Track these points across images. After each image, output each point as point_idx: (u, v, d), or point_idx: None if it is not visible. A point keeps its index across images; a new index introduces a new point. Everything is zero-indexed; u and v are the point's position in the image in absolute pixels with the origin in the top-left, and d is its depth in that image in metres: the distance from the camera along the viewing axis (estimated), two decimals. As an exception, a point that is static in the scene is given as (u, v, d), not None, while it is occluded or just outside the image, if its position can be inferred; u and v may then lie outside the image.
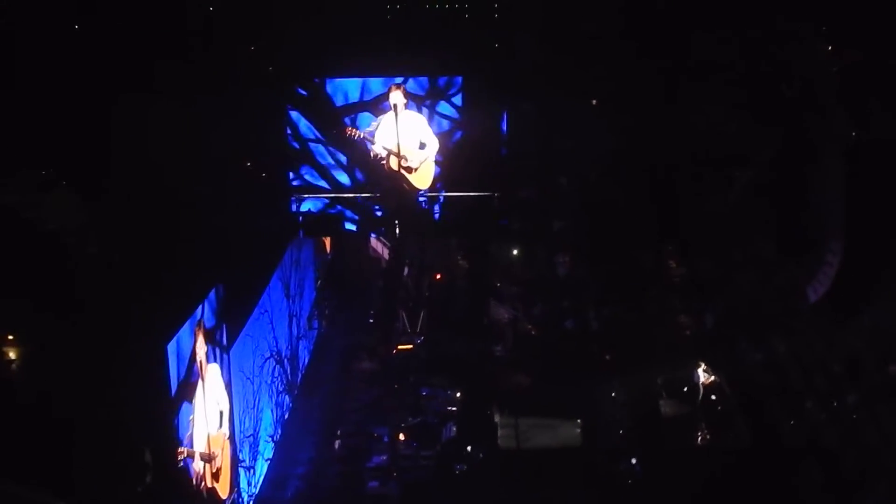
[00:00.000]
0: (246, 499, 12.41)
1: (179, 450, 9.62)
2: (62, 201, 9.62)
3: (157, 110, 10.97)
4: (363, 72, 13.59)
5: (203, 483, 10.38)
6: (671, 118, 13.98)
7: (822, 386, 13.07)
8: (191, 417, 9.96)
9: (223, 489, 11.14)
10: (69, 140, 9.70)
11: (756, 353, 14.38)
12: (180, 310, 10.04)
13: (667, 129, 14.07)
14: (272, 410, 14.01)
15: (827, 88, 12.73)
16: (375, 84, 13.74)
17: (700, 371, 14.92)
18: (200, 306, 10.42)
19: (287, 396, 14.87)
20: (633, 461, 13.83)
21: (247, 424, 12.62)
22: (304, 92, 13.69)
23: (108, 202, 10.14)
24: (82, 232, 9.62)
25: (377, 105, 13.68)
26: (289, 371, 14.98)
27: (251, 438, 12.81)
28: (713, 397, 14.75)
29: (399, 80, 13.49)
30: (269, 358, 13.73)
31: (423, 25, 13.65)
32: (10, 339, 8.64)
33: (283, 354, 14.62)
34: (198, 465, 10.18)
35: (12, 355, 8.64)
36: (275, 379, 14.12)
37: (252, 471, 12.78)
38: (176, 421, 9.53)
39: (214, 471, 10.73)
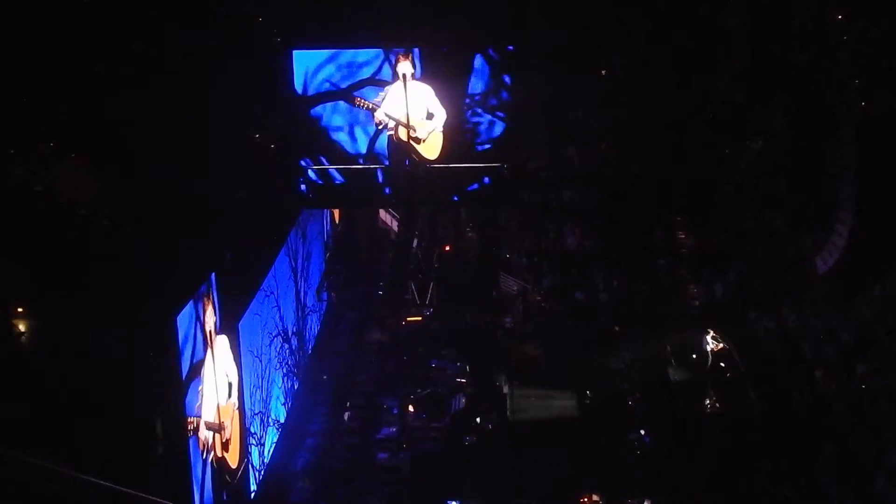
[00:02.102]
0: (256, 468, 12.47)
1: (189, 420, 9.65)
2: (73, 174, 9.59)
3: (167, 83, 10.93)
4: (378, 43, 13.51)
5: (213, 453, 10.42)
6: (682, 89, 13.90)
7: (832, 356, 13.04)
8: (200, 388, 9.99)
9: (233, 459, 11.20)
10: (79, 112, 9.67)
11: (766, 323, 14.34)
12: (189, 281, 10.06)
13: (677, 99, 13.99)
14: (281, 385, 14.05)
15: (839, 58, 12.64)
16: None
17: (709, 338, 14.92)
18: (209, 278, 10.44)
19: (296, 371, 14.90)
20: (642, 432, 13.86)
21: (256, 399, 12.66)
22: (313, 61, 13.62)
23: (118, 175, 10.11)
24: (93, 204, 9.61)
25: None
26: (296, 346, 15.01)
27: (261, 414, 12.86)
28: (722, 364, 14.76)
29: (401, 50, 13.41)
30: (276, 336, 13.75)
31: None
32: (21, 311, 8.65)
33: (291, 331, 14.63)
34: (207, 435, 10.22)
35: (23, 327, 8.66)
36: (282, 355, 14.14)
37: (262, 442, 12.83)
38: (185, 391, 9.56)
39: (224, 441, 10.77)
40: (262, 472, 12.76)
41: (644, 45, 13.88)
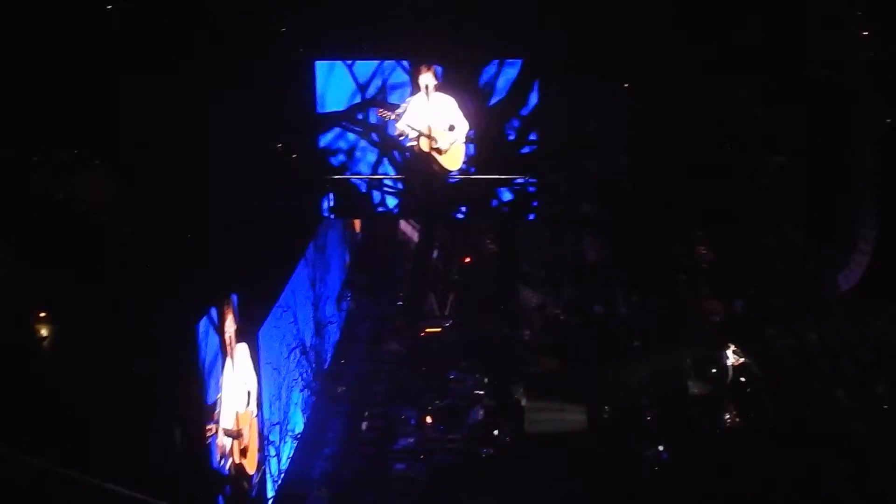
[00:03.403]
0: (273, 477, 12.49)
1: (208, 427, 9.69)
2: (95, 180, 9.66)
3: (191, 91, 11.00)
4: (401, 55, 13.57)
5: (231, 460, 10.46)
6: (702, 102, 13.87)
7: (852, 373, 12.98)
8: (219, 396, 10.03)
9: (250, 466, 11.22)
10: (102, 118, 9.74)
11: (786, 339, 14.27)
12: (210, 289, 10.10)
13: (697, 112, 13.97)
14: (299, 395, 14.07)
15: (861, 72, 12.60)
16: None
17: (729, 352, 14.86)
18: (230, 286, 10.48)
19: (313, 381, 14.92)
20: (661, 448, 13.81)
21: (275, 409, 12.69)
22: (336, 72, 13.69)
23: (140, 181, 10.18)
24: (115, 211, 9.67)
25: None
26: (315, 357, 15.03)
27: (279, 424, 12.89)
28: (742, 379, 14.69)
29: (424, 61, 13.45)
30: (294, 348, 13.78)
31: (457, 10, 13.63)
32: (43, 317, 8.71)
33: (309, 343, 14.65)
34: (225, 442, 10.25)
35: (45, 332, 8.71)
36: (301, 366, 14.17)
37: (280, 450, 12.86)
38: (204, 398, 9.60)
39: (242, 448, 10.81)
40: (280, 480, 12.78)
41: (665, 59, 13.86)
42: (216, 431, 9.95)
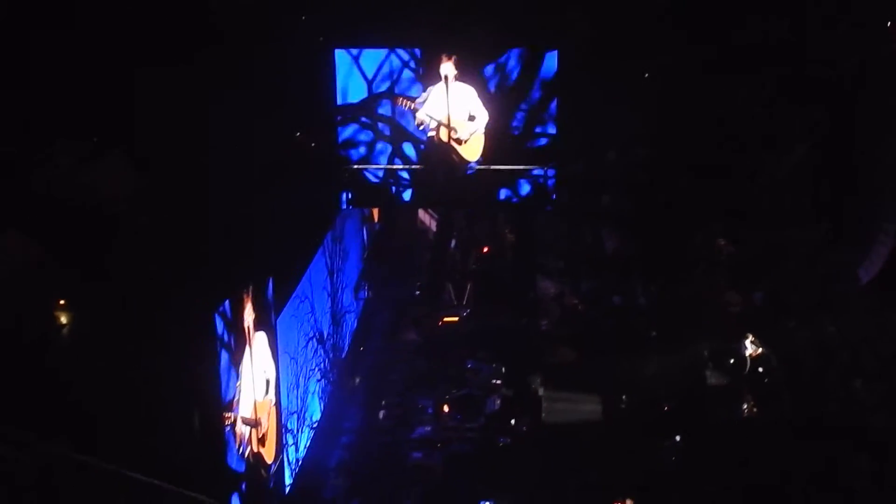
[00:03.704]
0: (291, 465, 12.54)
1: (226, 416, 9.73)
2: (114, 169, 9.70)
3: (210, 80, 11.03)
4: (421, 43, 13.55)
5: (249, 448, 10.50)
6: (723, 95, 13.83)
7: (871, 366, 12.94)
8: (238, 384, 10.07)
9: (269, 454, 11.27)
10: (121, 108, 9.78)
11: (804, 331, 14.23)
12: (229, 278, 10.13)
13: (718, 106, 13.92)
14: (317, 384, 14.12)
15: (883, 67, 12.55)
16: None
17: (748, 343, 14.82)
18: (248, 275, 10.51)
19: (331, 370, 14.97)
20: (678, 438, 13.80)
21: (293, 397, 12.74)
22: (355, 62, 13.69)
23: (158, 172, 10.22)
24: (134, 200, 9.71)
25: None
26: (332, 346, 15.07)
27: (297, 412, 12.94)
28: (760, 370, 14.66)
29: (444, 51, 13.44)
30: (311, 338, 13.81)
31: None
32: (62, 305, 8.75)
33: (326, 332, 14.69)
34: (244, 430, 10.29)
35: (64, 320, 8.76)
36: (318, 356, 14.21)
37: (297, 438, 12.91)
38: (223, 387, 9.64)
39: (260, 436, 10.85)
40: (297, 468, 12.83)
41: (686, 50, 13.82)
42: (235, 420, 9.99)
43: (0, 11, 8.96)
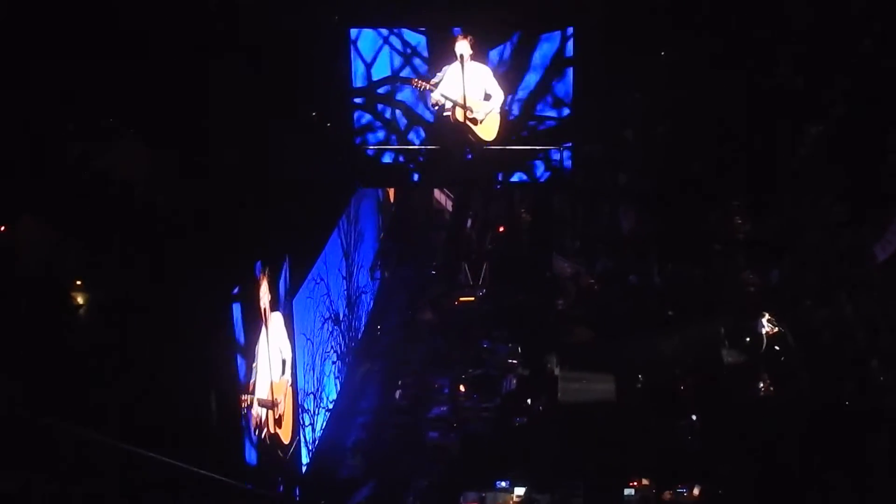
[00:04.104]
0: (308, 445, 12.59)
1: (243, 398, 9.77)
2: (130, 150, 9.71)
3: (223, 60, 11.02)
4: (437, 22, 13.49)
5: (266, 429, 10.55)
6: (741, 72, 13.74)
7: (889, 346, 12.89)
8: (254, 365, 10.10)
9: (286, 435, 11.33)
10: (134, 89, 9.77)
11: (822, 311, 14.19)
12: (245, 259, 10.15)
13: (736, 83, 13.84)
14: (333, 364, 14.16)
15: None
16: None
17: (764, 321, 14.80)
18: (264, 255, 10.53)
19: (347, 351, 15.00)
20: (694, 418, 13.80)
21: (309, 378, 12.78)
22: (370, 40, 13.65)
23: (174, 151, 10.22)
24: (150, 180, 9.72)
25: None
26: (348, 327, 15.09)
27: (313, 393, 12.98)
28: (776, 348, 14.64)
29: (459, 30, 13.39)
30: (327, 319, 13.83)
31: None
32: (79, 285, 8.78)
33: (342, 313, 14.71)
34: (260, 412, 10.33)
35: (80, 300, 8.79)
36: (334, 336, 14.24)
37: (314, 418, 12.95)
38: (239, 368, 9.67)
39: (277, 417, 10.90)
40: (314, 448, 12.88)
41: (704, 27, 13.73)
42: (251, 402, 10.03)
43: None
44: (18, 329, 7.93)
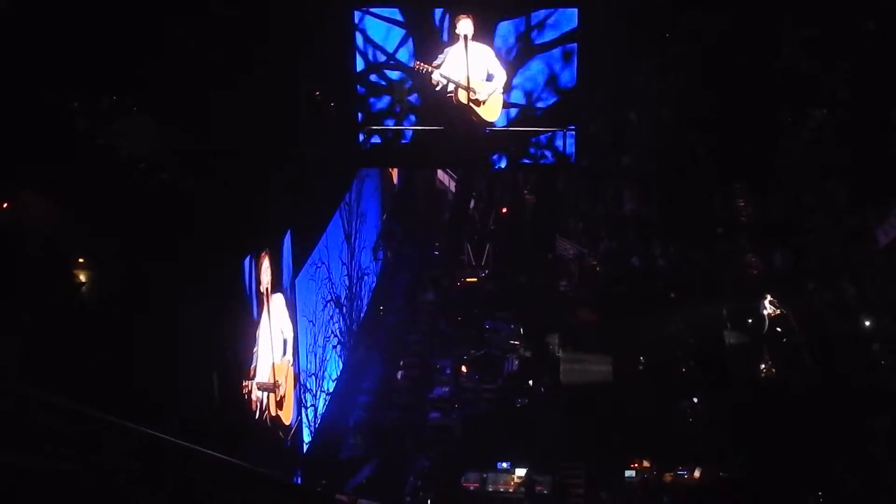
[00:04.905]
0: (310, 425, 12.62)
1: (244, 384, 9.78)
2: (136, 127, 9.68)
3: (229, 39, 10.98)
4: (440, 3, 13.42)
5: (267, 412, 10.56)
6: (745, 55, 13.69)
7: (890, 328, 12.91)
8: (255, 349, 10.11)
9: (287, 416, 11.36)
10: (139, 66, 9.74)
11: (824, 294, 14.19)
12: (247, 239, 10.15)
13: (739, 66, 13.79)
14: (335, 345, 14.17)
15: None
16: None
17: (766, 303, 14.81)
18: (266, 236, 10.53)
19: (349, 332, 15.01)
20: (695, 399, 13.83)
21: (311, 360, 12.80)
22: (373, 22, 13.60)
23: (179, 129, 10.20)
24: (155, 158, 9.70)
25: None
26: (350, 308, 15.10)
27: (315, 375, 13.00)
28: (779, 329, 14.65)
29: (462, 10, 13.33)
30: (329, 301, 13.84)
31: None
32: (81, 263, 8.78)
33: (343, 294, 14.72)
34: (261, 396, 10.34)
35: (83, 278, 8.79)
36: (336, 318, 14.25)
37: (316, 399, 12.98)
38: (240, 352, 9.68)
39: (278, 399, 10.92)
40: (316, 429, 12.92)
41: (708, 10, 13.67)
42: (251, 388, 10.04)
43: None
44: (21, 306, 7.93)
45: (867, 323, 13.86)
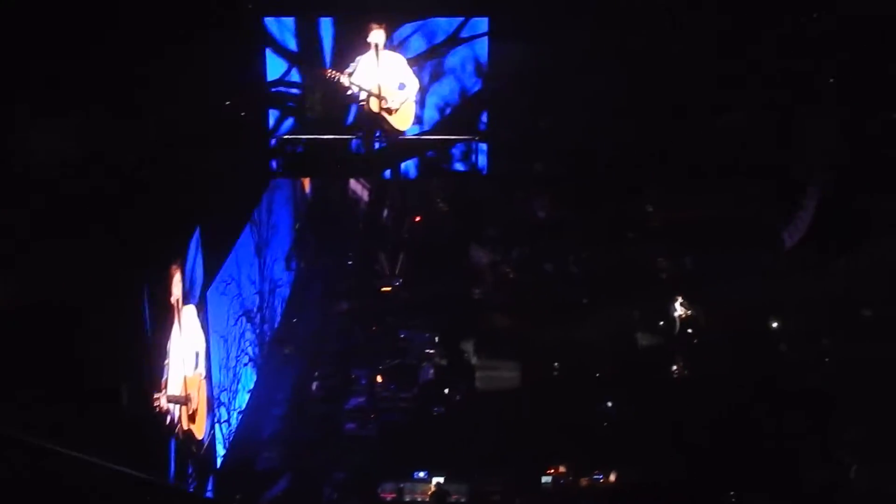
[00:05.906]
0: (224, 438, 12.44)
1: (154, 396, 9.60)
2: (43, 136, 9.45)
3: (133, 47, 10.78)
4: (352, 12, 13.38)
5: (179, 425, 10.38)
6: (659, 58, 13.86)
7: (800, 328, 13.18)
8: (166, 362, 9.93)
9: (199, 430, 11.17)
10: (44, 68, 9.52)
11: (734, 294, 14.43)
12: (157, 250, 9.96)
13: (650, 71, 13.96)
14: (249, 357, 13.99)
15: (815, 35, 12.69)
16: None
17: (677, 304, 15.02)
18: (176, 248, 10.35)
19: (262, 345, 14.82)
20: (609, 403, 13.93)
21: (223, 375, 12.61)
22: (284, 31, 13.49)
23: (86, 139, 9.98)
24: (62, 169, 9.47)
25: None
26: (262, 321, 14.91)
27: (227, 389, 12.82)
28: (689, 331, 14.87)
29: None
30: (240, 315, 13.64)
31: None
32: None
33: (255, 307, 14.53)
34: (172, 409, 10.16)
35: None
36: (249, 331, 14.06)
37: (230, 412, 12.80)
38: (151, 365, 9.50)
39: (191, 413, 10.74)
40: (230, 442, 12.73)
41: (623, 16, 13.81)
42: (163, 400, 9.86)
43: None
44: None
45: (774, 324, 14.17)
